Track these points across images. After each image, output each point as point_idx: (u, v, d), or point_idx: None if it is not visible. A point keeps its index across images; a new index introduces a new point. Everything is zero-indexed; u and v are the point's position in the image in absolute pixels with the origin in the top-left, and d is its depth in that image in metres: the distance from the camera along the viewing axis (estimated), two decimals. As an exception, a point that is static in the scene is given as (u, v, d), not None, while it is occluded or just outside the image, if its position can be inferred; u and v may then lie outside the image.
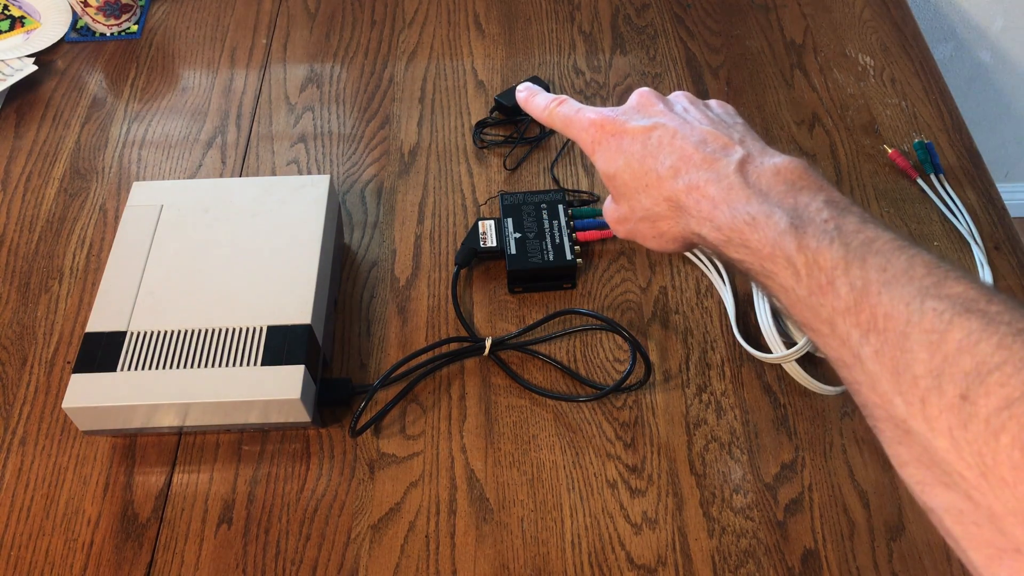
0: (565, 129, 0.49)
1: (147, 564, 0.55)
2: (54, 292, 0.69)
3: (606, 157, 0.46)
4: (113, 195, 0.76)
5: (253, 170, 0.78)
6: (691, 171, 0.42)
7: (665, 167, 0.43)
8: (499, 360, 0.64)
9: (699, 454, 0.60)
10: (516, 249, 0.68)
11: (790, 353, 0.61)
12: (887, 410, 0.31)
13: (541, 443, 0.60)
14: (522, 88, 0.54)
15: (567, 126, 0.49)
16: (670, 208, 0.43)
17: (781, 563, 0.55)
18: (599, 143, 0.46)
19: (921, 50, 0.87)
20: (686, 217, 0.42)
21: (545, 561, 0.55)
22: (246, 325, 0.59)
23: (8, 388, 0.64)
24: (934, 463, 0.29)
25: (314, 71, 0.86)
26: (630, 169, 0.44)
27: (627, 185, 0.45)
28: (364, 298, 0.68)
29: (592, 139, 0.47)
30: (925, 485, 0.30)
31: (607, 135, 0.46)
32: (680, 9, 0.92)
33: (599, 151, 0.46)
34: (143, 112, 0.83)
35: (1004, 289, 0.68)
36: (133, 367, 0.57)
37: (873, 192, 0.75)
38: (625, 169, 0.45)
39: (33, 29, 0.91)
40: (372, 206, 0.75)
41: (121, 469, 0.60)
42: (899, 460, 0.31)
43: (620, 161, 0.45)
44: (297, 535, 0.56)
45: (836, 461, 0.59)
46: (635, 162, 0.44)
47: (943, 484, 0.29)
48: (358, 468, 0.59)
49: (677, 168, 0.42)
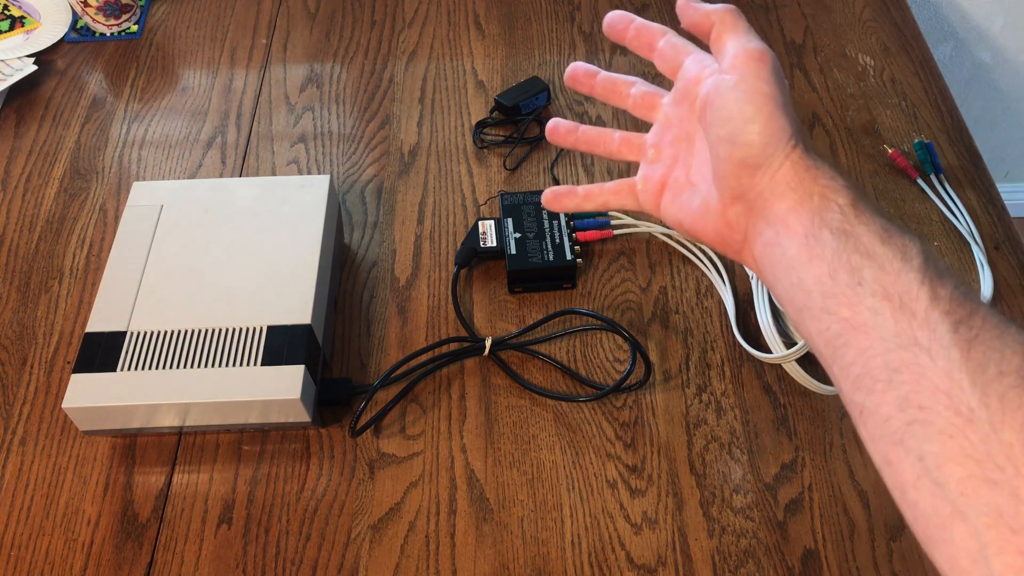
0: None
1: (147, 564, 0.55)
2: (54, 292, 0.69)
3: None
4: (113, 195, 0.76)
5: (253, 170, 0.78)
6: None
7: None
8: (499, 360, 0.64)
9: (699, 454, 0.60)
10: (516, 249, 0.68)
11: (790, 353, 0.61)
12: (952, 397, 0.30)
13: (541, 443, 0.60)
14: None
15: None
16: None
17: (781, 563, 0.55)
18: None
19: (921, 50, 0.87)
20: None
21: (545, 561, 0.55)
22: (246, 325, 0.59)
23: (8, 388, 0.64)
24: (988, 456, 0.29)
25: (314, 71, 0.86)
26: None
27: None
28: (364, 298, 0.68)
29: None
30: (966, 482, 0.29)
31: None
32: (680, 9, 0.92)
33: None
34: (143, 112, 0.83)
35: (1004, 289, 0.68)
36: (133, 367, 0.57)
37: (873, 192, 0.75)
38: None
39: (33, 29, 0.91)
40: (372, 206, 0.75)
41: (121, 469, 0.60)
42: (942, 456, 0.30)
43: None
44: (297, 535, 0.56)
45: (836, 461, 0.59)
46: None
47: (989, 482, 0.29)
48: (358, 468, 0.59)
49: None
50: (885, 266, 0.34)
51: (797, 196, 0.38)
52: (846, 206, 0.36)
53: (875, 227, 0.36)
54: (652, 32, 0.47)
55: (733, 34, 0.41)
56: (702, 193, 0.43)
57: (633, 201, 0.48)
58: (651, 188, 0.47)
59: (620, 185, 0.48)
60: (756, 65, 0.39)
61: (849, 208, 0.36)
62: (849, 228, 0.36)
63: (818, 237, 0.36)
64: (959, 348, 0.31)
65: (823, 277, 0.36)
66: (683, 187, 0.45)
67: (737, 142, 0.39)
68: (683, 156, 0.46)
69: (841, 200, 0.37)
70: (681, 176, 0.45)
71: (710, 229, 0.43)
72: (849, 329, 0.34)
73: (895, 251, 0.34)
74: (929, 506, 0.31)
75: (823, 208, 0.37)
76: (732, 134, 0.39)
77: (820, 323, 0.36)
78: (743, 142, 0.38)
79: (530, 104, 0.80)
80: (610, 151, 0.49)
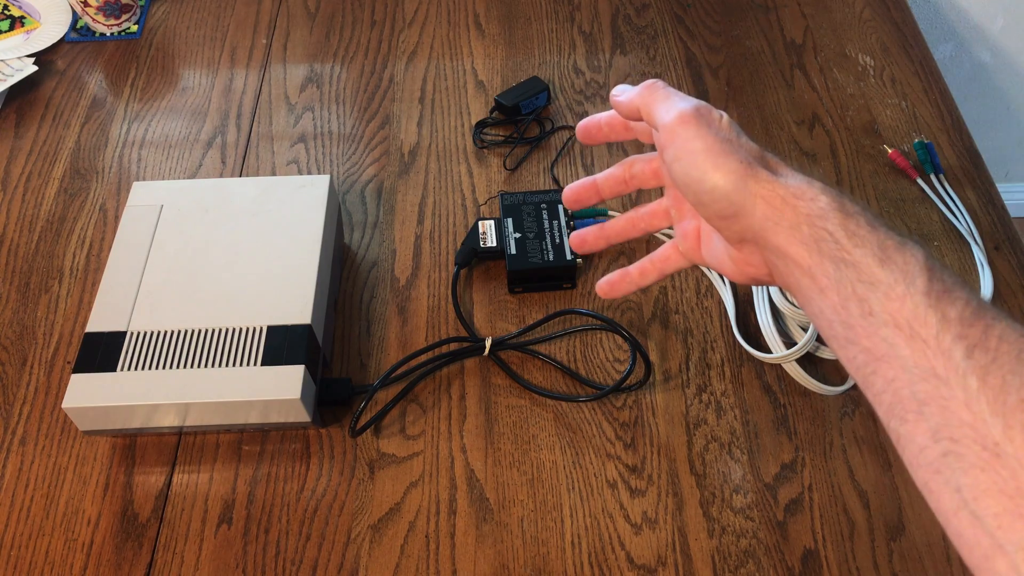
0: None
1: (147, 564, 0.55)
2: (54, 292, 0.69)
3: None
4: (113, 195, 0.76)
5: (253, 170, 0.78)
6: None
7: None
8: (499, 360, 0.64)
9: (699, 454, 0.60)
10: (516, 249, 0.68)
11: (790, 353, 0.61)
12: (977, 430, 0.30)
13: (541, 443, 0.60)
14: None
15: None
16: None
17: (781, 563, 0.55)
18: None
19: (921, 50, 0.87)
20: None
21: (545, 561, 0.55)
22: (246, 325, 0.59)
23: (8, 388, 0.64)
24: (1019, 491, 0.29)
25: (314, 71, 0.86)
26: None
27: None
28: (364, 298, 0.68)
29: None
30: (1002, 517, 0.29)
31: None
32: (680, 9, 0.92)
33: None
34: (143, 112, 0.83)
35: (1004, 289, 0.68)
36: (133, 367, 0.57)
37: (873, 192, 0.75)
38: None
39: (33, 29, 0.91)
40: (372, 206, 0.75)
41: (121, 469, 0.60)
42: (977, 490, 0.30)
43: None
44: (297, 535, 0.56)
45: (836, 461, 0.59)
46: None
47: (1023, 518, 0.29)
48: (358, 468, 0.59)
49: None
50: (889, 293, 0.33)
51: (786, 229, 0.37)
52: (837, 230, 0.35)
53: (871, 247, 0.34)
54: (618, 117, 0.47)
55: (655, 108, 0.41)
56: (720, 239, 0.44)
57: (683, 260, 0.48)
58: (690, 244, 0.47)
59: (665, 250, 0.48)
60: (682, 129, 0.39)
61: (841, 232, 0.35)
62: (847, 256, 0.35)
63: (821, 269, 0.36)
64: (976, 375, 0.30)
65: (837, 307, 0.35)
66: (709, 234, 0.45)
67: (704, 202, 0.39)
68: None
69: (830, 225, 0.36)
70: (705, 226, 0.46)
71: (736, 270, 0.43)
72: (873, 359, 0.34)
73: (896, 274, 0.33)
74: (971, 536, 0.30)
75: (816, 238, 0.36)
76: (697, 197, 0.39)
77: (847, 352, 0.35)
78: (708, 201, 0.39)
79: (530, 104, 0.80)
80: (643, 230, 0.50)
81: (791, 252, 0.37)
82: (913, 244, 0.35)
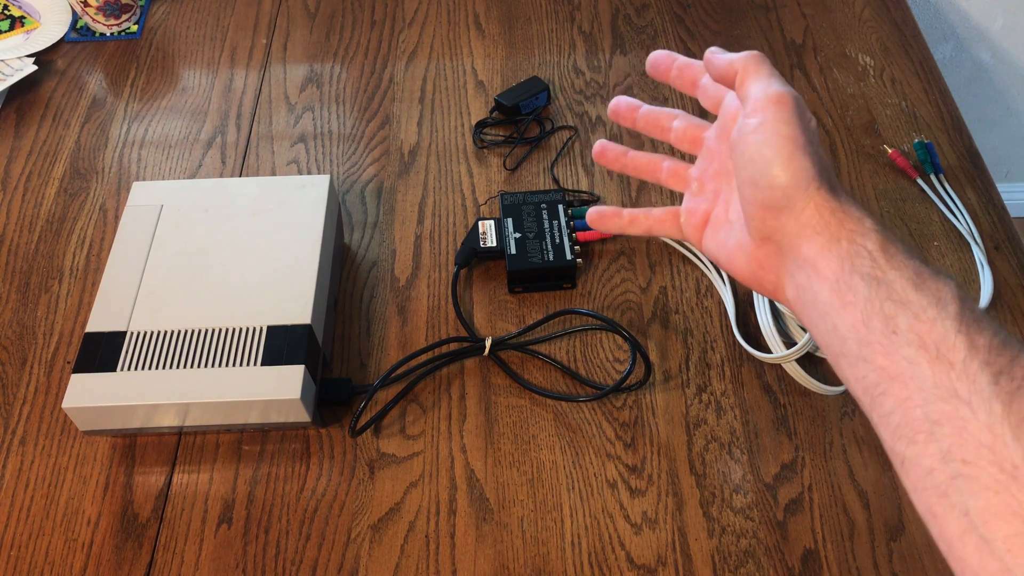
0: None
1: (147, 564, 0.55)
2: (54, 292, 0.69)
3: None
4: (113, 195, 0.76)
5: (253, 170, 0.78)
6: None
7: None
8: (499, 360, 0.64)
9: (699, 454, 0.60)
10: (516, 249, 0.68)
11: (790, 353, 0.61)
12: (996, 452, 0.30)
13: (541, 443, 0.60)
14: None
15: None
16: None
17: (781, 563, 0.55)
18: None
19: (921, 50, 0.87)
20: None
21: (545, 561, 0.55)
22: (246, 325, 0.59)
23: (8, 388, 0.64)
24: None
25: (314, 71, 0.86)
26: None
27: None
28: (364, 298, 0.68)
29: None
30: (1013, 540, 0.29)
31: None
32: (680, 9, 0.92)
33: None
34: (143, 112, 0.83)
35: (1004, 289, 0.68)
36: (133, 367, 0.57)
37: (873, 192, 0.75)
38: None
39: (33, 29, 0.91)
40: (372, 206, 0.75)
41: (121, 469, 0.60)
42: (988, 512, 0.30)
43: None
44: (297, 535, 0.56)
45: (836, 461, 0.59)
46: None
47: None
48: (358, 468, 0.59)
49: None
50: (919, 314, 0.33)
51: (824, 240, 0.37)
52: (876, 251, 0.35)
53: (908, 272, 0.35)
54: (694, 69, 0.47)
55: (755, 79, 0.40)
56: (737, 231, 0.43)
57: (677, 231, 0.48)
58: (695, 222, 0.47)
59: (666, 214, 0.48)
60: (777, 108, 0.38)
61: (879, 253, 0.35)
62: (881, 275, 0.35)
63: (849, 284, 0.36)
64: (1000, 401, 0.30)
65: (857, 324, 0.35)
66: (722, 223, 0.45)
67: (759, 184, 0.38)
68: (724, 192, 0.46)
69: (870, 245, 0.36)
70: (721, 212, 0.45)
71: (744, 268, 0.42)
72: (887, 378, 0.34)
73: (929, 298, 0.33)
74: (976, 561, 0.30)
75: (852, 253, 0.36)
76: (754, 177, 0.39)
77: (857, 370, 0.35)
78: (765, 184, 0.38)
79: (530, 104, 0.80)
80: (657, 179, 0.49)
81: (820, 263, 0.37)
82: (948, 276, 0.35)
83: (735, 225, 0.43)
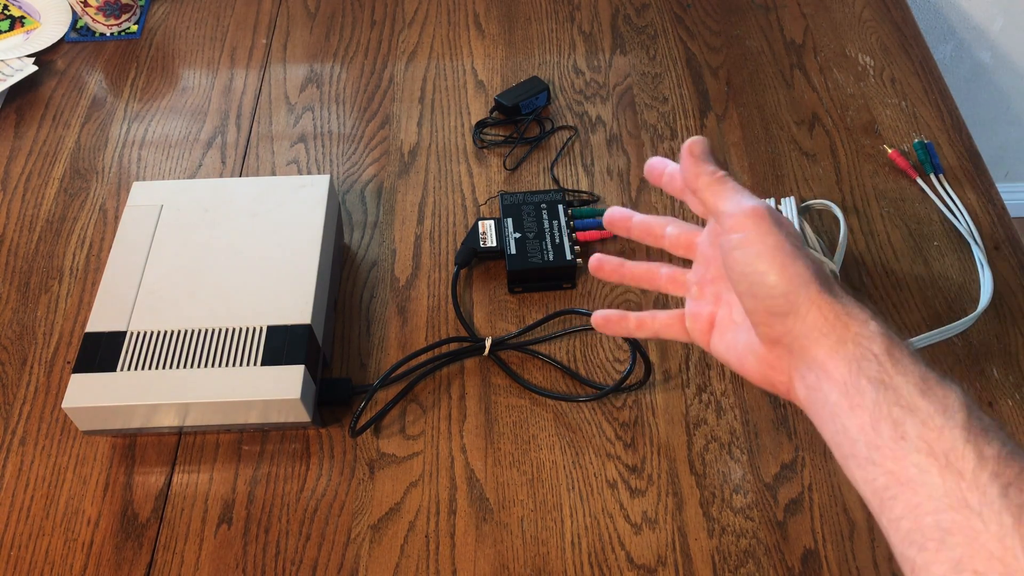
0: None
1: (147, 564, 0.55)
2: (54, 292, 0.69)
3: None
4: (113, 195, 0.76)
5: (253, 170, 0.78)
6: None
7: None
8: (499, 360, 0.64)
9: (699, 454, 0.60)
10: (516, 249, 0.68)
11: (790, 353, 0.61)
12: (1007, 564, 0.30)
13: (541, 443, 0.60)
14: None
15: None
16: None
17: (781, 563, 0.55)
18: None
19: (921, 50, 0.87)
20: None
21: (545, 561, 0.55)
22: (246, 325, 0.59)
23: (8, 388, 0.64)
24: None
25: (314, 71, 0.86)
26: None
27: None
28: (364, 298, 0.68)
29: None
30: None
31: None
32: (680, 9, 0.92)
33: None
34: (143, 112, 0.83)
35: (1004, 289, 0.68)
36: (133, 367, 0.57)
37: (873, 192, 0.75)
38: None
39: (33, 29, 0.91)
40: (372, 206, 0.75)
41: (121, 469, 0.60)
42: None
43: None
44: (297, 535, 0.56)
45: (836, 461, 0.59)
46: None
47: None
48: (358, 468, 0.59)
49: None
50: (927, 422, 0.33)
51: (831, 342, 0.37)
52: (882, 355, 0.36)
53: (913, 377, 0.35)
54: (653, 224, 0.48)
55: (723, 198, 0.41)
56: (745, 333, 0.43)
57: (684, 334, 0.48)
58: (700, 326, 0.47)
59: (671, 318, 0.48)
60: (755, 222, 0.39)
61: (885, 357, 0.36)
62: (887, 379, 0.35)
63: (857, 387, 0.36)
64: (1011, 514, 0.30)
65: (866, 427, 0.35)
66: (728, 326, 0.45)
67: (759, 295, 0.39)
68: (724, 295, 0.46)
69: (876, 348, 0.36)
70: (726, 315, 0.45)
71: (756, 370, 0.42)
72: (896, 483, 0.34)
73: (936, 405, 0.34)
74: None
75: (859, 356, 0.36)
76: (751, 289, 0.39)
77: (866, 472, 0.35)
78: (764, 295, 0.38)
79: (530, 104, 0.80)
80: (657, 286, 0.49)
81: (829, 366, 0.37)
82: (952, 381, 0.35)
83: (742, 327, 0.44)
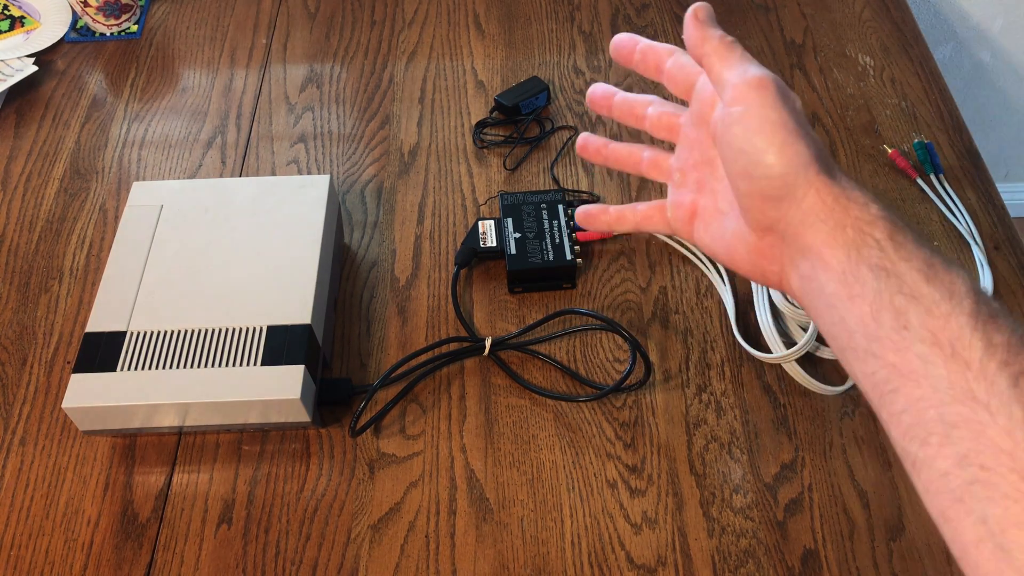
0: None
1: (147, 564, 0.55)
2: (54, 292, 0.69)
3: None
4: (113, 195, 0.76)
5: (253, 170, 0.78)
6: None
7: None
8: (499, 360, 0.64)
9: (699, 454, 0.60)
10: (516, 249, 0.68)
11: (790, 353, 0.61)
12: (1016, 459, 0.28)
13: (541, 443, 0.60)
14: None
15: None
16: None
17: (781, 563, 0.55)
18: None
19: (921, 50, 0.87)
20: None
21: (545, 561, 0.55)
22: (246, 325, 0.59)
23: (8, 388, 0.64)
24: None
25: (314, 71, 0.86)
26: None
27: None
28: (364, 298, 0.68)
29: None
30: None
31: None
32: (680, 9, 0.92)
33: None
34: (143, 112, 0.83)
35: (1004, 289, 0.68)
36: (133, 367, 0.57)
37: (873, 192, 0.75)
38: None
39: (33, 29, 0.91)
40: (372, 206, 0.75)
41: (121, 469, 0.60)
42: (1007, 521, 0.28)
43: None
44: (297, 535, 0.56)
45: (836, 461, 0.59)
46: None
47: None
48: (358, 468, 0.59)
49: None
50: (932, 309, 0.31)
51: (829, 228, 0.35)
52: (884, 240, 0.34)
53: (918, 263, 0.33)
54: (658, 53, 0.44)
55: (728, 65, 0.38)
56: (733, 222, 0.40)
57: (665, 226, 0.45)
58: (682, 215, 0.44)
59: (651, 209, 0.46)
60: (759, 94, 0.36)
61: (887, 242, 0.33)
62: (890, 266, 0.33)
63: (856, 275, 0.34)
64: (1021, 406, 0.29)
65: (865, 318, 0.33)
66: (713, 215, 0.42)
67: (754, 175, 0.36)
68: (708, 181, 0.43)
69: (878, 233, 0.34)
70: (710, 204, 0.43)
71: (745, 260, 0.40)
72: (897, 375, 0.32)
73: (942, 291, 0.32)
74: (992, 569, 0.29)
75: (859, 243, 0.34)
76: (747, 168, 0.36)
77: (866, 366, 0.33)
78: (760, 175, 0.36)
79: (530, 104, 0.80)
80: (639, 171, 0.47)
81: (825, 253, 0.35)
82: (959, 267, 0.33)
83: (729, 215, 0.41)
